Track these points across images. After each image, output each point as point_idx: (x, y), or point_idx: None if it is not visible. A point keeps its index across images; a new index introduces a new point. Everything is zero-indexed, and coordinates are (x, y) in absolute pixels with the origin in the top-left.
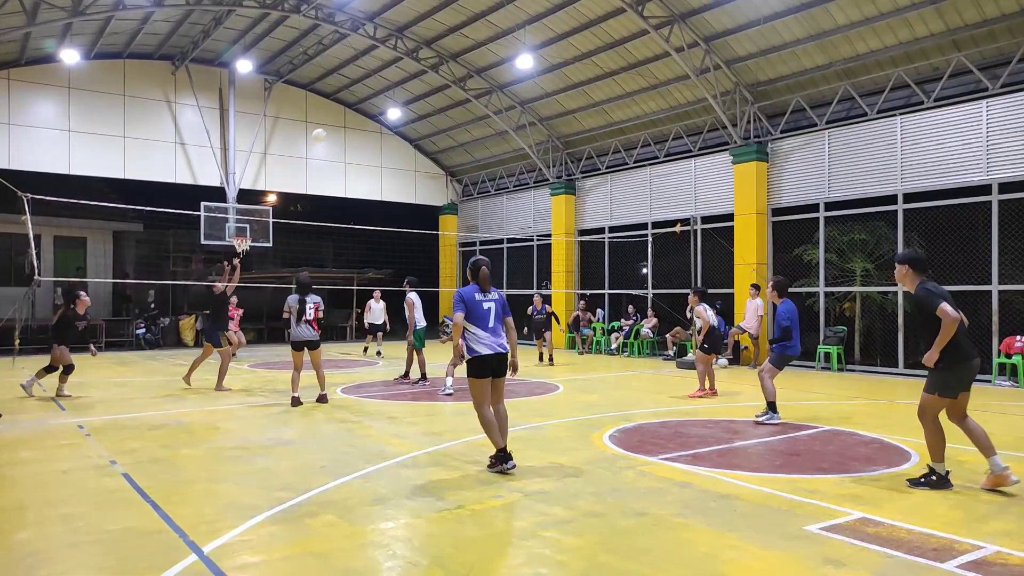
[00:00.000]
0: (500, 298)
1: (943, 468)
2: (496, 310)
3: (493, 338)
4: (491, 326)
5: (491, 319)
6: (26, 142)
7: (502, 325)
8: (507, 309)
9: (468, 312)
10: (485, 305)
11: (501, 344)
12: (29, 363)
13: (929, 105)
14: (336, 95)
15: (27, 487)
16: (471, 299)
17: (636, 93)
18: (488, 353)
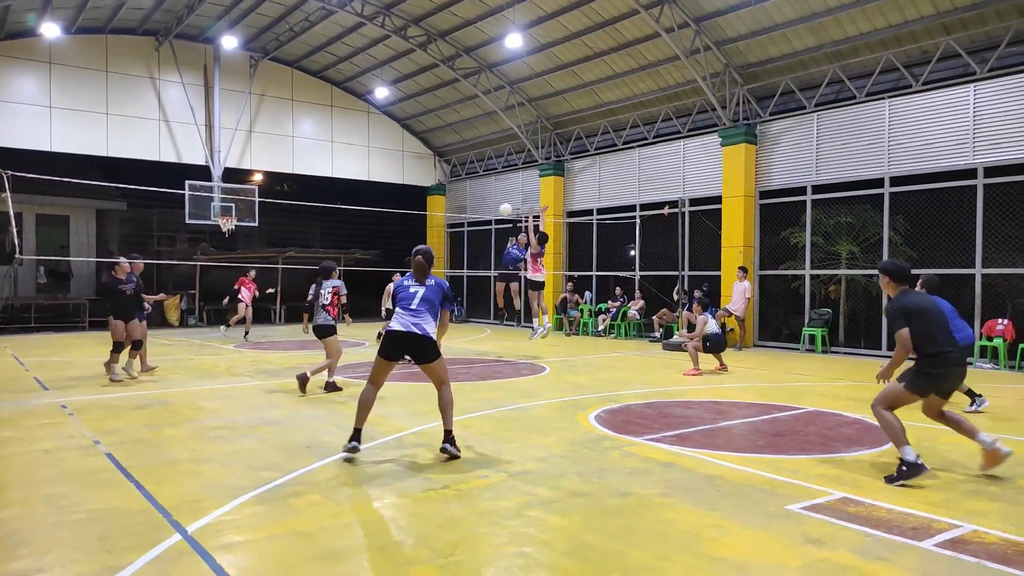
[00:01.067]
0: (436, 287)
1: (912, 453)
2: (424, 295)
3: (411, 318)
4: (412, 307)
5: (414, 301)
6: (6, 118)
7: (428, 310)
8: (446, 301)
9: (397, 298)
10: (412, 289)
11: (419, 325)
12: (11, 342)
13: (917, 89)
14: (323, 73)
15: (9, 466)
16: (399, 286)
17: (626, 74)
18: (398, 329)
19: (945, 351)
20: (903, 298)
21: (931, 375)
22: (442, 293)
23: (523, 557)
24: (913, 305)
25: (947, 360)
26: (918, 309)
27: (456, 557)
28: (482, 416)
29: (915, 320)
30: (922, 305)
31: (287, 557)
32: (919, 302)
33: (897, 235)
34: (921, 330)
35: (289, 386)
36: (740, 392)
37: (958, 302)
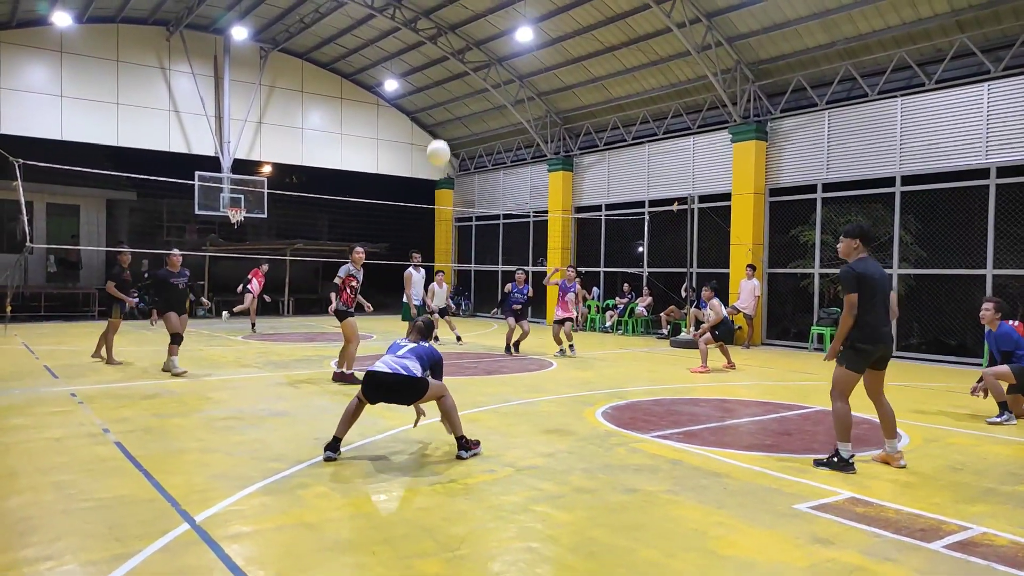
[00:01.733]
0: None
1: (848, 451)
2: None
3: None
4: (399, 355)
5: (401, 349)
6: (17, 107)
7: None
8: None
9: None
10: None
11: (405, 367)
12: (22, 330)
13: (930, 87)
14: (333, 65)
15: (19, 454)
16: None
17: (636, 69)
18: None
19: (881, 328)
20: (862, 264)
21: (864, 351)
22: (431, 360)
23: (529, 552)
24: (868, 274)
25: (880, 336)
26: (871, 279)
27: (462, 551)
28: (488, 411)
29: (866, 289)
30: (877, 276)
31: (294, 548)
32: (874, 272)
33: (908, 234)
34: (867, 300)
35: (297, 378)
36: (748, 390)
37: (967, 302)
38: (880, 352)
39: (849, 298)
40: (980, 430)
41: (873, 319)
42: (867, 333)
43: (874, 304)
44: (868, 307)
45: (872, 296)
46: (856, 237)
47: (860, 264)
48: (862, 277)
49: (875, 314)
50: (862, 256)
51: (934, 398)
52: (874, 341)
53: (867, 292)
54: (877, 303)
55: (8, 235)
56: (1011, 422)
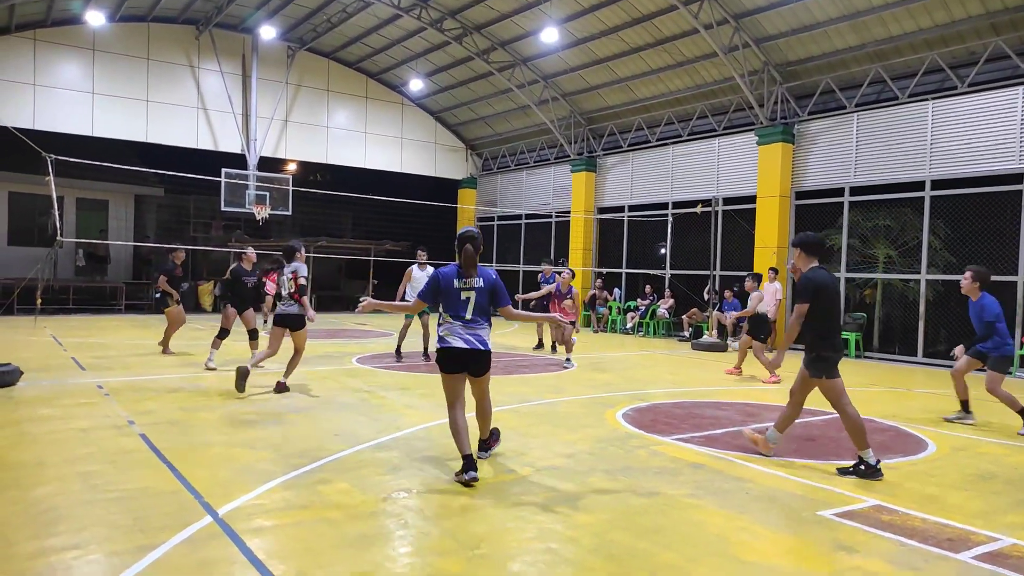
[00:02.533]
0: (488, 283)
1: (871, 456)
2: (477, 301)
3: (467, 331)
4: (468, 319)
5: (468, 311)
6: (50, 103)
7: (485, 318)
8: (502, 297)
9: (443, 300)
10: (463, 295)
11: (480, 338)
12: (50, 323)
13: (963, 90)
14: (359, 64)
15: (47, 444)
16: (447, 286)
17: (662, 70)
18: (461, 347)
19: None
20: (816, 273)
21: (830, 358)
22: (496, 291)
23: (549, 553)
24: (822, 282)
25: (840, 344)
26: (827, 288)
27: (482, 550)
28: (509, 410)
29: (824, 298)
30: (831, 285)
31: (315, 543)
32: (829, 281)
33: (937, 240)
34: (826, 309)
35: (319, 374)
36: (771, 395)
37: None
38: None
39: (799, 308)
40: (1011, 440)
41: (835, 328)
42: (833, 343)
43: (835, 315)
44: (829, 319)
45: (831, 306)
46: (799, 247)
47: (814, 272)
48: (817, 286)
49: (836, 325)
50: (815, 264)
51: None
52: (839, 349)
53: (826, 303)
54: (836, 313)
55: (40, 229)
56: (967, 421)
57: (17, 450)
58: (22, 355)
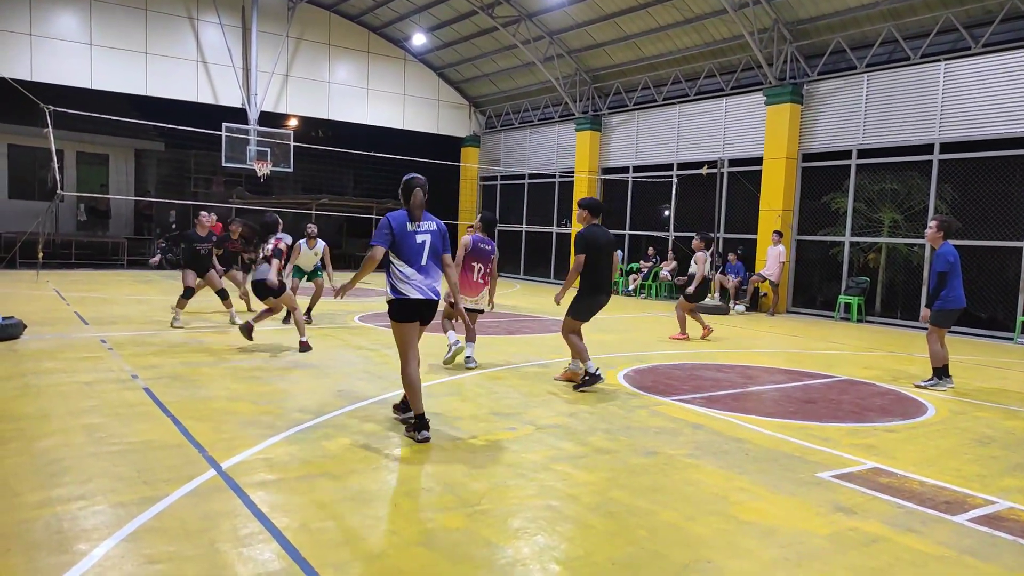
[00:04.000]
0: (438, 228)
1: (592, 367)
2: (432, 244)
3: (424, 279)
4: (423, 264)
5: (424, 256)
6: (48, 54)
7: (437, 263)
8: (446, 243)
9: (396, 245)
10: (419, 238)
11: (433, 288)
12: (53, 277)
13: (976, 51)
14: (360, 18)
15: (51, 396)
16: (401, 229)
17: (670, 27)
18: (417, 298)
19: (602, 284)
20: (591, 231)
21: (588, 302)
22: (444, 236)
23: (549, 510)
24: (593, 238)
25: (601, 290)
26: (597, 243)
27: (483, 506)
28: (511, 369)
29: (592, 252)
30: (601, 241)
31: (318, 497)
32: (600, 238)
33: (943, 204)
34: (592, 262)
35: (322, 331)
36: (771, 358)
37: (1001, 275)
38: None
39: (577, 259)
40: (1010, 404)
41: (597, 279)
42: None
43: (598, 267)
44: (594, 270)
45: (596, 259)
46: (584, 208)
47: (589, 230)
48: (587, 242)
49: (598, 276)
50: (595, 223)
51: (963, 371)
52: (598, 294)
53: (593, 256)
54: (602, 266)
55: (40, 183)
56: (943, 387)
57: (22, 402)
58: (25, 309)
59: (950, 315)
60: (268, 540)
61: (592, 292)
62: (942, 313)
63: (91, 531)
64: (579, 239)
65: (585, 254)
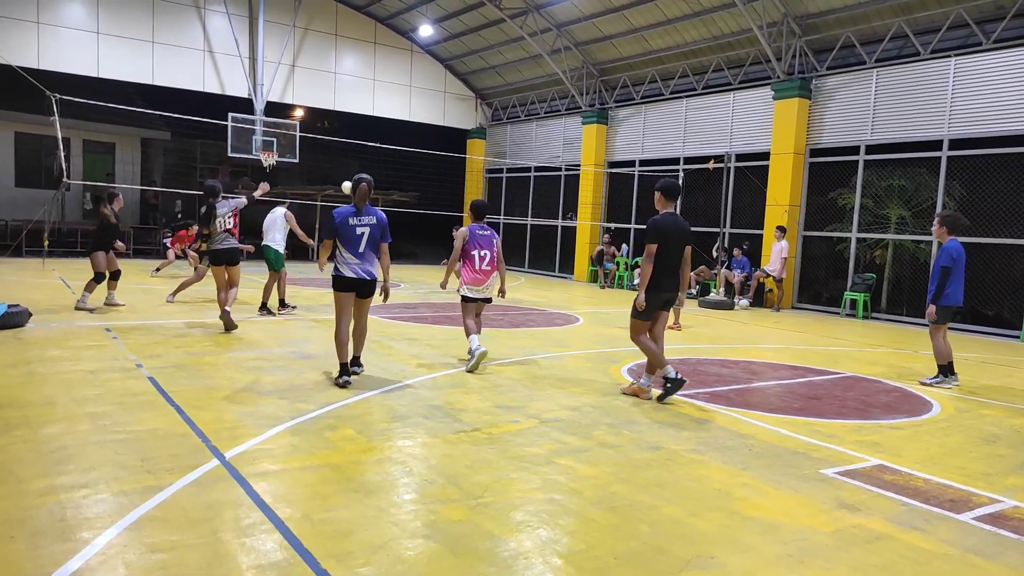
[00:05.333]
0: (378, 221)
1: (672, 371)
2: (371, 234)
3: (359, 264)
4: (360, 251)
5: (362, 244)
6: (54, 42)
7: (374, 251)
8: (386, 234)
9: (340, 235)
10: (358, 230)
11: (368, 271)
12: (58, 265)
13: (987, 47)
14: (367, 8)
15: (56, 384)
16: (343, 221)
17: (678, 20)
18: (351, 277)
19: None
20: (663, 218)
21: (648, 298)
22: (384, 228)
23: (552, 503)
24: (664, 227)
25: (662, 286)
26: (666, 233)
27: (486, 499)
28: (514, 363)
29: (663, 242)
30: (673, 231)
31: (320, 488)
32: (672, 227)
33: (952, 201)
34: (663, 252)
35: (325, 321)
36: (776, 354)
37: (1008, 273)
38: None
39: (649, 248)
40: (1015, 402)
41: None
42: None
43: (669, 256)
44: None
45: (668, 249)
46: (659, 191)
47: (663, 217)
48: (660, 230)
49: (666, 267)
50: (669, 210)
51: (969, 368)
52: (662, 290)
53: (663, 246)
54: (673, 255)
55: (46, 171)
56: (948, 384)
57: (27, 390)
58: (31, 297)
59: (946, 312)
60: (271, 530)
61: (653, 288)
62: (939, 309)
63: (94, 519)
64: (650, 227)
65: (657, 244)
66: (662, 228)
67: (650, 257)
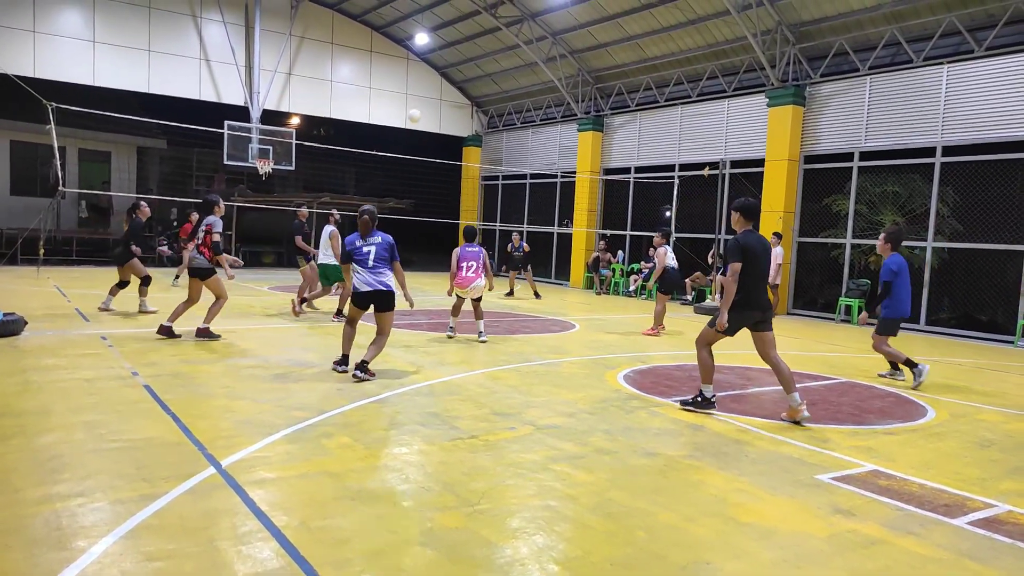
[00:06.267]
0: (384, 243)
1: (710, 391)
2: (377, 252)
3: (371, 276)
4: (369, 266)
5: (370, 260)
6: (50, 51)
7: (386, 265)
8: (394, 252)
9: (353, 257)
10: (365, 249)
11: (382, 282)
12: (54, 274)
13: (979, 54)
14: (363, 17)
15: (51, 393)
16: (352, 246)
17: (672, 28)
18: (365, 290)
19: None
20: (747, 237)
21: (737, 316)
22: (391, 248)
23: (548, 510)
24: (750, 246)
25: (754, 304)
26: (754, 252)
27: (482, 506)
28: (510, 369)
29: (750, 261)
30: (759, 250)
31: (317, 495)
32: (757, 245)
33: (945, 207)
34: (749, 272)
35: (322, 329)
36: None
37: (1001, 279)
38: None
39: (732, 267)
40: (1010, 407)
41: (754, 288)
42: (747, 300)
43: (756, 275)
44: (752, 279)
45: (754, 267)
46: (737, 211)
47: (745, 236)
48: (745, 248)
49: (756, 284)
50: (749, 228)
51: (963, 374)
52: (751, 307)
53: (751, 265)
54: (758, 273)
55: (42, 179)
56: (901, 377)
57: (22, 398)
58: (26, 305)
59: (893, 323)
60: (267, 538)
61: (744, 306)
62: (886, 321)
63: (90, 528)
64: (735, 246)
65: (742, 263)
66: (748, 247)
67: (735, 275)
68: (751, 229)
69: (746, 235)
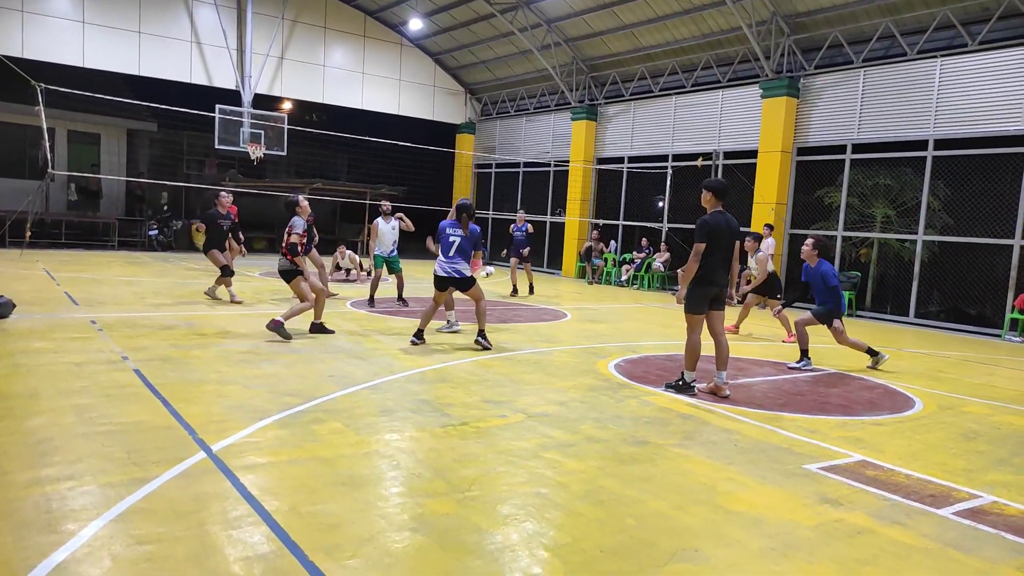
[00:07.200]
0: (469, 235)
1: (691, 377)
2: (460, 244)
3: (448, 264)
4: (450, 255)
5: (451, 249)
6: (39, 31)
7: (462, 257)
8: (478, 243)
9: (439, 240)
10: (451, 238)
11: (456, 270)
12: (43, 257)
13: (973, 48)
14: (357, 1)
15: (41, 376)
16: (442, 231)
17: (668, 17)
18: (440, 274)
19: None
20: (715, 218)
21: (699, 292)
22: (475, 241)
23: (539, 497)
24: (716, 226)
25: (712, 281)
26: (719, 232)
27: (473, 492)
28: (502, 357)
29: (713, 241)
30: (725, 231)
31: (307, 481)
32: (723, 226)
33: (936, 200)
34: (710, 251)
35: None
36: (761, 350)
37: (990, 272)
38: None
39: (697, 246)
40: (997, 399)
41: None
42: (707, 278)
43: (718, 256)
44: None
45: (717, 247)
46: (709, 190)
47: (714, 216)
48: (712, 229)
49: (716, 263)
50: (719, 209)
51: (951, 366)
52: (710, 284)
53: (714, 244)
54: (721, 253)
55: (31, 161)
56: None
57: (11, 381)
58: (15, 288)
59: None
60: (258, 523)
61: (702, 282)
62: (824, 311)
63: (80, 511)
64: (701, 226)
65: (706, 243)
66: (713, 227)
67: (697, 255)
68: (721, 210)
69: (715, 216)
